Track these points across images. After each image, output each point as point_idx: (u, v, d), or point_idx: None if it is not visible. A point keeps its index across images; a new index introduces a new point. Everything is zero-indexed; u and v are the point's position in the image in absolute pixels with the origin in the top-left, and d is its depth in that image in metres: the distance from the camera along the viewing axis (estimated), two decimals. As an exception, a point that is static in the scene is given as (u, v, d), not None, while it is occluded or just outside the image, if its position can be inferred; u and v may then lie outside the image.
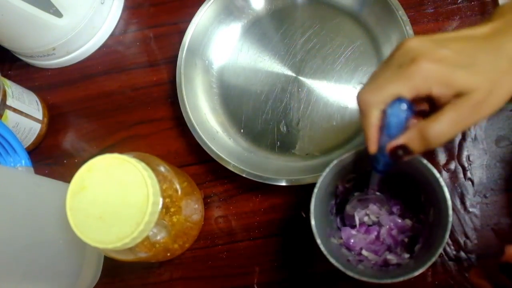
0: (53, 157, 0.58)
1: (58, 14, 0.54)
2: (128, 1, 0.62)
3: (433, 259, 0.35)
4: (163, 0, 0.61)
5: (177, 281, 0.51)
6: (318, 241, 0.38)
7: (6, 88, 0.52)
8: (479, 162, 0.48)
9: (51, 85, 0.61)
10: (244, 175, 0.48)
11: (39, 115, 0.57)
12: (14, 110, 0.52)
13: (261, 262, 0.50)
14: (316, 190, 0.39)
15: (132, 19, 0.62)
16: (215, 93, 0.55)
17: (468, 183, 0.48)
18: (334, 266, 0.37)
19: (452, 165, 0.49)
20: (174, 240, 0.45)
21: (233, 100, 0.55)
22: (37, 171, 0.55)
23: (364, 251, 0.43)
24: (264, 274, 0.49)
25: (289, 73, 0.54)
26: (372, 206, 0.44)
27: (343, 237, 0.44)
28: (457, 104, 0.31)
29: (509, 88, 0.32)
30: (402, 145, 0.33)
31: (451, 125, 0.32)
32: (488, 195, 0.47)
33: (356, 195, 0.45)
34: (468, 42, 0.33)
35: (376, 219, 0.45)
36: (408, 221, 0.44)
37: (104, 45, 0.61)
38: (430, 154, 0.49)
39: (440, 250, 0.35)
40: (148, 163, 0.39)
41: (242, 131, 0.53)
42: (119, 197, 0.37)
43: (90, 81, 0.60)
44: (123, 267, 0.51)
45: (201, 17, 0.54)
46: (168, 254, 0.47)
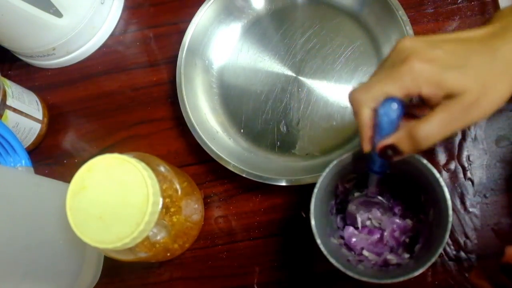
0: (53, 157, 0.58)
1: (58, 14, 0.54)
2: (128, 1, 0.62)
3: (433, 259, 0.35)
4: (163, 0, 0.61)
5: (177, 281, 0.51)
6: (318, 241, 0.38)
7: (6, 88, 0.52)
8: (479, 162, 0.48)
9: (51, 85, 0.61)
10: (244, 175, 0.48)
11: (39, 115, 0.57)
12: (14, 110, 0.52)
13: (261, 262, 0.50)
14: (316, 190, 0.39)
15: (132, 19, 0.62)
16: (215, 93, 0.55)
17: (468, 183, 0.48)
18: (334, 266, 0.37)
19: (452, 165, 0.49)
20: (174, 240, 0.45)
21: (233, 100, 0.55)
22: (37, 171, 0.55)
23: (365, 251, 0.43)
24: (264, 274, 0.49)
25: (289, 73, 0.54)
26: (376, 212, 0.44)
27: (344, 235, 0.44)
28: (447, 106, 0.31)
29: (504, 91, 0.31)
30: (391, 145, 0.33)
31: (441, 127, 0.31)
32: (488, 195, 0.47)
33: (357, 196, 0.46)
34: (462, 44, 0.32)
35: (378, 225, 0.45)
36: (408, 221, 0.44)
37: (104, 45, 0.61)
38: (430, 154, 0.49)
39: (440, 250, 0.35)
40: (148, 163, 0.39)
41: (242, 131, 0.53)
42: (119, 197, 0.37)
43: (90, 81, 0.60)
44: (123, 267, 0.51)
45: (201, 17, 0.54)
46: (168, 254, 0.47)
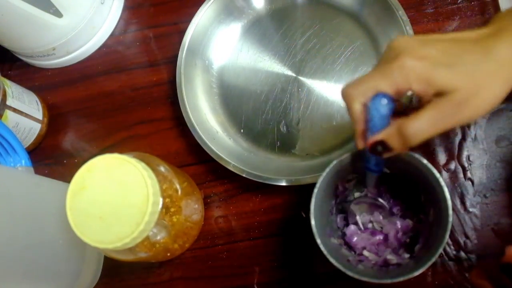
0: (53, 157, 0.58)
1: (58, 14, 0.54)
2: (128, 1, 0.62)
3: (433, 259, 0.35)
4: (163, 0, 0.61)
5: (177, 281, 0.51)
6: (318, 241, 0.38)
7: (6, 88, 0.52)
8: (479, 162, 0.48)
9: (51, 85, 0.61)
10: (244, 175, 0.48)
11: (39, 115, 0.57)
12: (14, 110, 0.52)
13: (261, 262, 0.50)
14: (316, 190, 0.39)
15: (132, 19, 0.62)
16: (215, 93, 0.55)
17: (468, 183, 0.48)
18: (334, 266, 0.37)
19: (452, 165, 0.49)
20: (174, 240, 0.45)
21: (233, 100, 0.55)
22: (37, 171, 0.55)
23: (365, 252, 0.43)
24: (264, 274, 0.49)
25: (289, 73, 0.54)
26: (377, 216, 0.44)
27: (346, 233, 0.44)
28: (437, 103, 0.31)
29: (497, 91, 0.31)
30: (381, 141, 0.33)
31: (430, 124, 0.31)
32: (488, 195, 0.47)
33: (357, 196, 0.46)
34: (455, 43, 0.32)
35: (380, 228, 0.45)
36: (409, 221, 0.44)
37: (104, 45, 0.61)
38: (430, 154, 0.49)
39: (440, 250, 0.35)
40: (148, 163, 0.39)
41: (242, 131, 0.53)
42: (119, 197, 0.37)
43: (90, 81, 0.60)
44: (123, 267, 0.51)
45: (201, 17, 0.54)
46: (168, 254, 0.47)
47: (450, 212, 0.36)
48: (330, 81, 0.53)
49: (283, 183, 0.46)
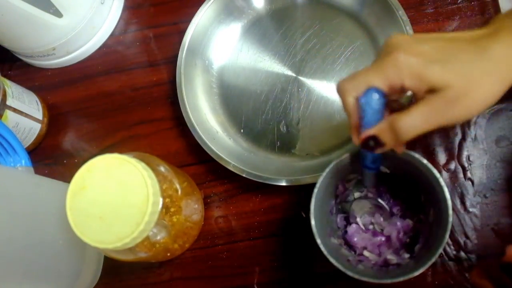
0: (53, 157, 0.58)
1: (58, 14, 0.54)
2: (128, 1, 0.62)
3: (433, 259, 0.35)
4: (163, 0, 0.61)
5: (177, 281, 0.51)
6: (318, 241, 0.38)
7: (6, 88, 0.52)
8: (479, 162, 0.48)
9: (51, 85, 0.61)
10: (244, 175, 0.48)
11: (39, 115, 0.57)
12: (14, 110, 0.52)
13: (261, 262, 0.50)
14: (316, 190, 0.39)
15: (132, 19, 0.62)
16: (215, 93, 0.55)
17: (468, 183, 0.48)
18: (334, 266, 0.37)
19: (452, 165, 0.49)
20: (174, 240, 0.45)
21: (233, 100, 0.55)
22: (37, 171, 0.55)
23: (365, 252, 0.43)
24: (264, 274, 0.49)
25: (289, 73, 0.54)
26: (378, 217, 0.44)
27: (348, 232, 0.44)
28: (429, 99, 0.31)
29: (492, 90, 0.31)
30: (373, 136, 0.34)
31: (421, 120, 0.32)
32: (488, 195, 0.47)
33: (357, 196, 0.46)
34: (451, 42, 0.33)
35: (380, 230, 0.45)
36: (409, 221, 0.44)
37: (104, 45, 0.61)
38: (430, 154, 0.49)
39: (440, 250, 0.35)
40: (148, 163, 0.39)
41: (242, 131, 0.53)
42: (119, 197, 0.37)
43: (90, 81, 0.60)
44: (123, 267, 0.51)
45: (201, 17, 0.54)
46: (168, 254, 0.47)
47: (450, 212, 0.36)
48: (330, 81, 0.53)
49: (283, 183, 0.46)
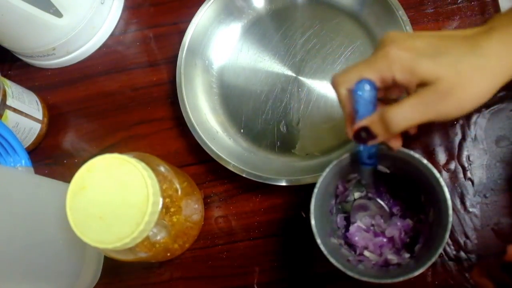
0: (53, 157, 0.58)
1: (58, 14, 0.54)
2: (128, 1, 0.62)
3: (433, 259, 0.35)
4: (163, 0, 0.61)
5: (177, 281, 0.51)
6: (318, 241, 0.38)
7: (6, 88, 0.52)
8: (479, 162, 0.48)
9: (51, 85, 0.61)
10: (244, 175, 0.48)
11: (39, 115, 0.57)
12: (14, 110, 0.52)
13: (261, 262, 0.50)
14: (316, 190, 0.39)
15: (132, 19, 0.62)
16: (215, 93, 0.55)
17: (468, 183, 0.48)
18: (334, 266, 0.37)
19: (452, 165, 0.49)
20: (174, 240, 0.45)
21: (233, 100, 0.55)
22: (37, 171, 0.54)
23: (366, 252, 0.43)
24: (264, 274, 0.49)
25: (289, 73, 0.54)
26: (379, 219, 0.44)
27: (350, 230, 0.44)
28: (420, 92, 0.32)
29: (484, 86, 0.31)
30: (365, 127, 0.34)
31: (412, 112, 0.32)
32: (488, 195, 0.47)
33: (357, 196, 0.46)
34: (445, 38, 0.33)
35: (380, 232, 0.45)
36: (409, 221, 0.44)
37: (104, 45, 0.61)
38: (430, 154, 0.49)
39: (440, 250, 0.35)
40: (148, 163, 0.39)
41: (242, 131, 0.53)
42: (119, 197, 0.37)
43: (90, 81, 0.60)
44: (123, 267, 0.51)
45: (201, 17, 0.54)
46: (168, 254, 0.47)
47: (450, 212, 0.36)
48: (330, 81, 0.53)
49: (283, 183, 0.46)
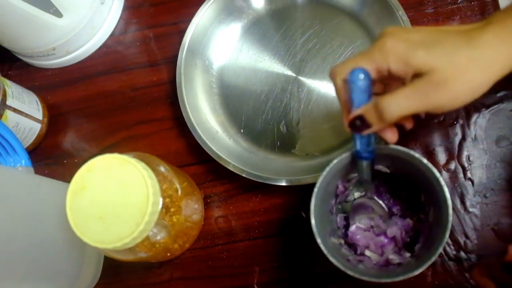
0: (53, 157, 0.58)
1: (58, 14, 0.54)
2: (128, 1, 0.62)
3: (433, 259, 0.35)
4: (163, 0, 0.61)
5: (177, 281, 0.51)
6: (318, 240, 0.38)
7: (6, 88, 0.52)
8: (479, 162, 0.48)
9: (51, 85, 0.61)
10: (244, 175, 0.48)
11: (39, 115, 0.57)
12: (14, 110, 0.52)
13: (261, 262, 0.50)
14: (316, 189, 0.39)
15: (132, 19, 0.62)
16: (215, 93, 0.55)
17: (468, 183, 0.48)
18: (334, 265, 0.37)
19: (452, 165, 0.49)
20: (174, 240, 0.45)
21: (233, 100, 0.55)
22: (37, 171, 0.55)
23: (367, 251, 0.43)
24: (264, 274, 0.49)
25: (289, 73, 0.54)
26: (378, 220, 0.44)
27: (351, 229, 0.44)
28: (414, 82, 0.32)
29: (479, 78, 0.31)
30: (359, 116, 0.35)
31: (405, 101, 0.32)
32: (488, 195, 0.47)
33: (357, 196, 0.45)
34: (441, 32, 0.33)
35: (380, 232, 0.45)
36: (409, 221, 0.44)
37: (104, 45, 0.61)
38: (430, 154, 0.49)
39: (440, 250, 0.35)
40: (148, 163, 0.39)
41: (242, 131, 0.53)
42: (119, 197, 0.37)
43: (90, 81, 0.60)
44: (123, 267, 0.51)
45: (201, 17, 0.54)
46: (168, 254, 0.47)
47: (450, 212, 0.36)
48: (330, 81, 0.52)
49: (283, 183, 0.46)
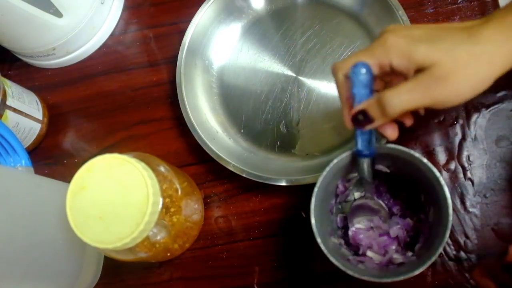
0: (53, 157, 0.58)
1: (58, 14, 0.54)
2: (128, 1, 0.62)
3: (433, 259, 0.35)
4: (163, 0, 0.61)
5: (177, 281, 0.51)
6: (319, 240, 0.38)
7: (6, 88, 0.52)
8: (479, 162, 0.48)
9: (51, 85, 0.61)
10: (244, 175, 0.48)
11: (39, 115, 0.57)
12: (14, 110, 0.52)
13: (261, 262, 0.50)
14: (316, 189, 0.39)
15: (132, 19, 0.62)
16: (215, 93, 0.55)
17: (468, 183, 0.48)
18: (334, 265, 0.37)
19: (452, 165, 0.49)
20: (174, 240, 0.45)
21: (233, 100, 0.55)
22: (37, 171, 0.54)
23: (369, 252, 0.43)
24: (264, 274, 0.49)
25: (289, 73, 0.54)
26: (378, 221, 0.44)
27: (353, 229, 0.44)
28: (417, 76, 0.33)
29: (481, 73, 0.32)
30: (362, 110, 0.35)
31: (407, 95, 0.33)
32: (488, 195, 0.47)
33: (357, 196, 0.45)
34: (442, 28, 0.34)
35: (381, 233, 0.44)
36: (409, 220, 0.44)
37: (104, 45, 0.61)
38: (430, 154, 0.49)
39: (440, 250, 0.35)
40: (148, 163, 0.39)
41: (242, 131, 0.53)
42: (119, 197, 0.37)
43: (90, 81, 0.60)
44: (123, 267, 0.51)
45: (201, 17, 0.54)
46: (168, 254, 0.47)
47: (450, 211, 0.36)
48: (330, 81, 0.53)
49: (283, 183, 0.46)
